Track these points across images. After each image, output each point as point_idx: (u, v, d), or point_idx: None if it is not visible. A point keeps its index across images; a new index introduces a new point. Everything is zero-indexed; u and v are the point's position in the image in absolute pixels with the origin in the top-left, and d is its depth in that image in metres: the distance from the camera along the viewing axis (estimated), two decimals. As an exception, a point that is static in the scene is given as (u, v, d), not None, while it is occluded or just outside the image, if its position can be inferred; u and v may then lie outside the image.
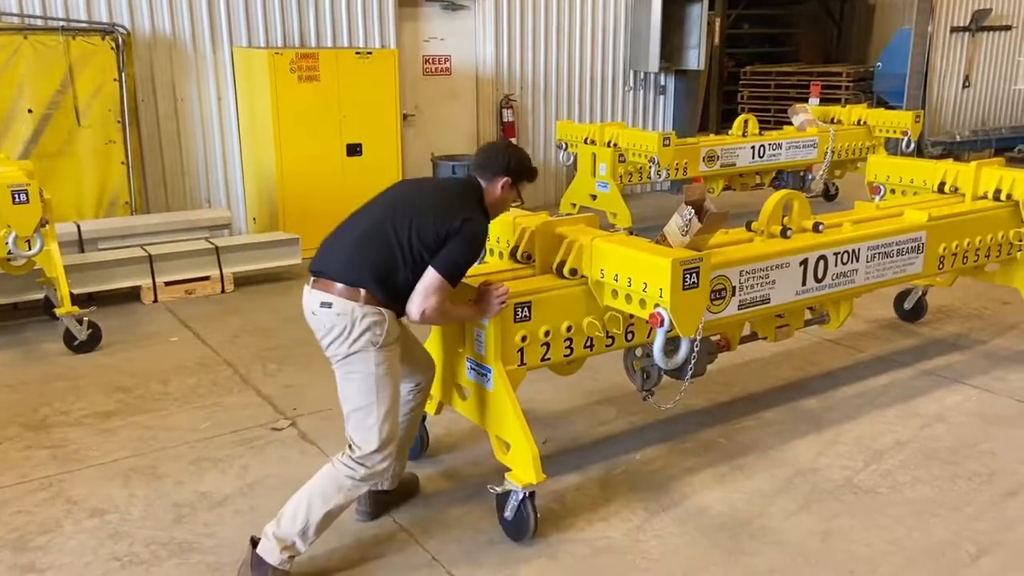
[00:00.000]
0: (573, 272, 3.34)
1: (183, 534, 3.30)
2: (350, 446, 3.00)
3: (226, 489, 3.63)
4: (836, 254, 3.90)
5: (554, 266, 3.40)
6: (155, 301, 6.16)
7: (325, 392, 4.59)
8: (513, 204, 3.29)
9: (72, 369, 4.95)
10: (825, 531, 3.32)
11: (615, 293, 3.27)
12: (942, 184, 4.92)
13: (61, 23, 6.67)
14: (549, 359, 3.34)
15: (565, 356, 3.39)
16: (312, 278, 3.01)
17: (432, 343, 3.53)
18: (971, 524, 3.37)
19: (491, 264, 3.62)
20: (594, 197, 7.67)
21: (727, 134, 8.44)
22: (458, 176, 3.25)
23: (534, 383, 3.85)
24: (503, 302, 3.11)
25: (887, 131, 8.68)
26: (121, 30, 6.87)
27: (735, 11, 14.55)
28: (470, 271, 3.26)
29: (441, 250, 2.94)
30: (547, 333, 3.28)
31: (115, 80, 6.76)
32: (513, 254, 3.53)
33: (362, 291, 2.89)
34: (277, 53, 6.98)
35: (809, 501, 3.53)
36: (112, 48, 6.73)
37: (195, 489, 3.63)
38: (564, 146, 8.04)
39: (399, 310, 3.01)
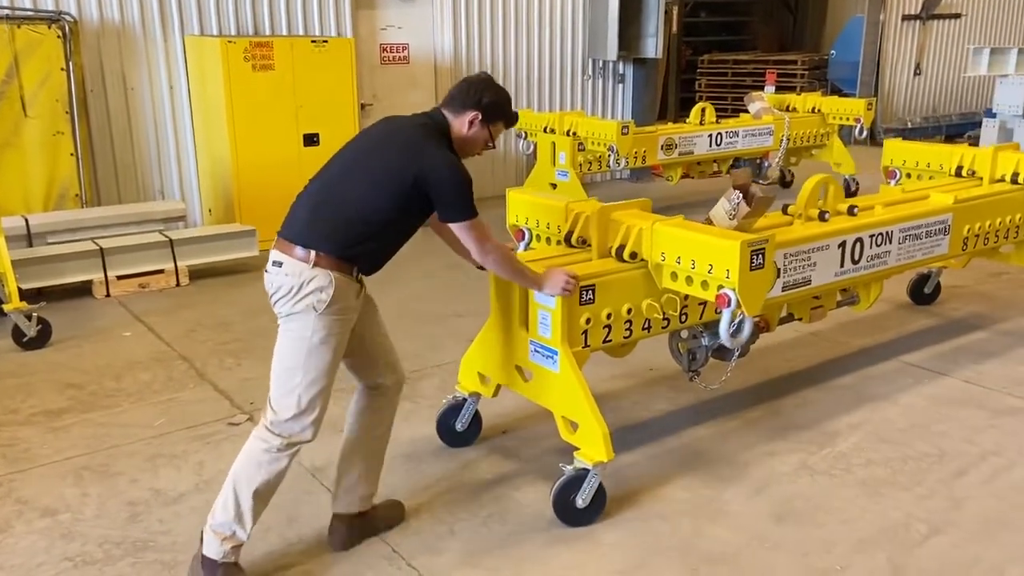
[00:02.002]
0: (633, 256, 3.41)
1: (137, 532, 3.25)
2: (266, 411, 2.87)
3: (181, 486, 3.57)
4: (872, 236, 4.00)
5: (613, 250, 3.45)
6: (107, 296, 6.03)
7: (283, 385, 4.56)
8: (488, 148, 3.11)
9: (22, 366, 4.83)
10: (780, 514, 3.37)
11: (674, 275, 3.35)
12: (959, 168, 5.03)
13: (5, 11, 6.46)
14: (611, 341, 3.43)
15: (625, 338, 3.47)
16: (276, 239, 2.92)
17: (491, 326, 3.58)
18: (922, 503, 3.45)
19: (540, 250, 3.67)
20: (554, 186, 7.67)
21: (685, 122, 8.50)
22: (424, 112, 3.12)
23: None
24: (568, 290, 3.15)
25: (841, 118, 8.82)
26: (68, 18, 6.69)
27: (692, -1, 14.64)
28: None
29: (419, 195, 2.82)
30: (609, 315, 3.36)
31: (62, 69, 6.57)
32: (568, 239, 3.58)
33: (313, 253, 2.79)
34: (230, 41, 6.85)
35: (765, 485, 3.58)
36: (59, 37, 6.54)
37: (150, 486, 3.57)
38: (524, 135, 8.03)
39: (359, 271, 2.90)
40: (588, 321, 3.31)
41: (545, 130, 7.72)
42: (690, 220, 3.48)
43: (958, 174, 5.04)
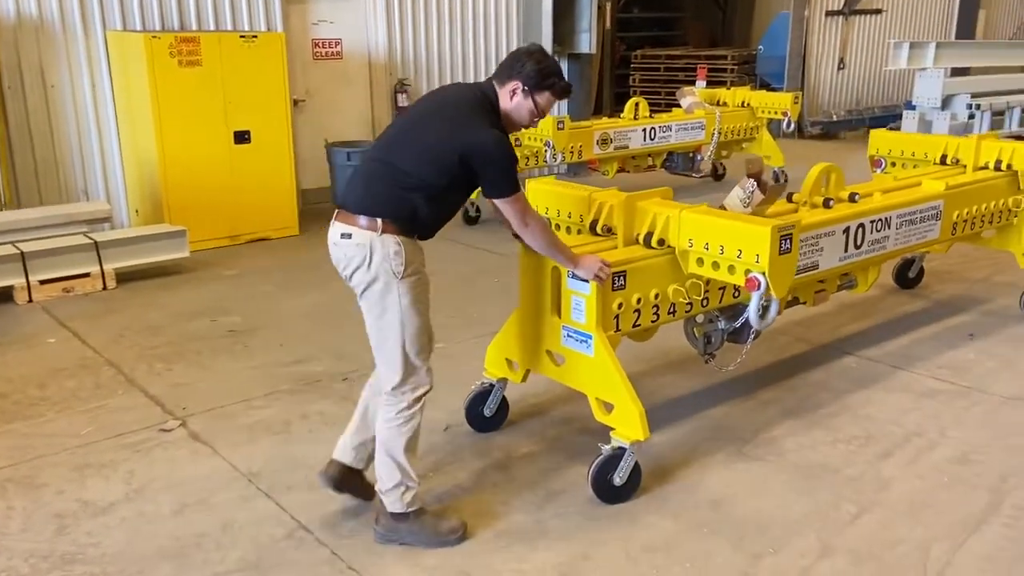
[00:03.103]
0: (661, 242, 3.52)
1: (65, 545, 3.14)
2: (383, 381, 3.06)
3: (111, 496, 3.46)
4: (872, 222, 4.14)
5: (641, 237, 3.55)
6: (30, 301, 5.81)
7: (217, 389, 4.47)
8: (535, 120, 3.13)
9: (-62, 377, 4.63)
10: (717, 500, 3.44)
11: (700, 261, 3.49)
12: (943, 156, 5.24)
13: (-90, 5, 6.18)
14: (639, 325, 3.54)
15: (652, 322, 3.58)
16: (336, 210, 3.03)
17: (519, 314, 3.67)
18: (851, 485, 3.56)
19: (567, 238, 3.72)
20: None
21: (620, 117, 8.58)
22: (478, 83, 3.24)
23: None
24: (602, 277, 3.24)
25: (769, 112, 9.02)
26: (-20, 12, 6.43)
27: (625, -5, 14.78)
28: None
29: (466, 170, 2.93)
30: (639, 300, 3.47)
31: (-24, 66, 6.32)
32: (592, 228, 3.68)
33: (379, 221, 2.90)
34: (155, 37, 6.66)
35: (703, 473, 3.64)
36: (-29, 32, 6.28)
37: (77, 497, 3.45)
38: (459, 131, 7.99)
39: (421, 235, 3.03)
40: (620, 306, 3.41)
41: (481, 126, 7.69)
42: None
43: (942, 162, 5.25)
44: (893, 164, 5.58)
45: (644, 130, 8.23)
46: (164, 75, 6.64)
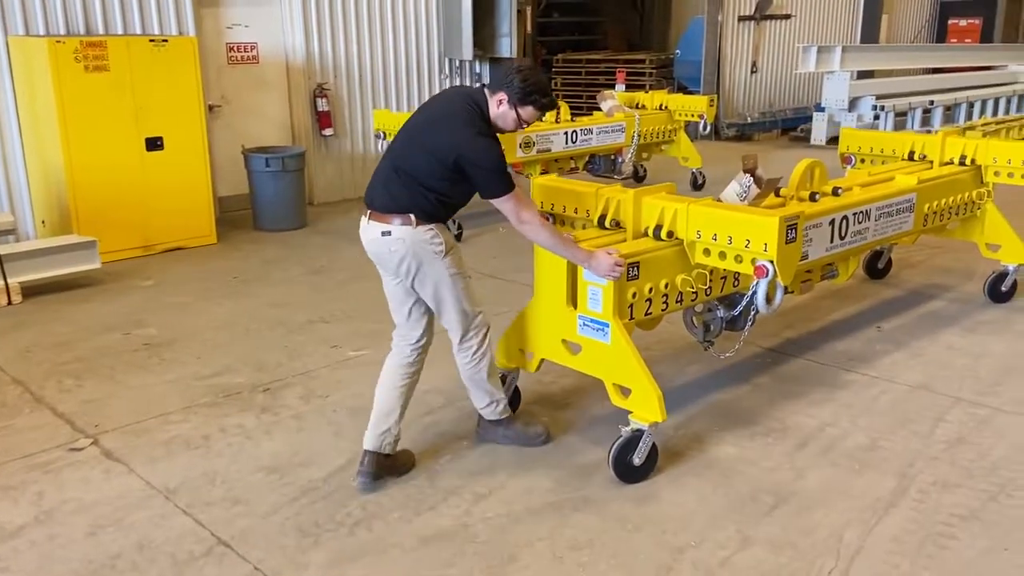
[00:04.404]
0: (670, 234, 3.67)
1: (-31, 574, 3.00)
2: (457, 332, 3.54)
3: (19, 520, 3.32)
4: (854, 214, 4.30)
5: (650, 230, 3.72)
6: (-73, 319, 5.53)
7: (132, 404, 4.34)
8: (520, 127, 3.42)
9: None
10: (642, 497, 3.50)
11: (707, 251, 3.66)
12: (911, 153, 5.49)
13: None
14: (651, 313, 3.71)
15: (662, 310, 3.75)
16: (368, 210, 3.43)
17: (533, 305, 3.84)
18: (768, 476, 3.66)
19: (577, 235, 3.84)
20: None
21: (541, 121, 8.63)
22: (473, 88, 3.54)
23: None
24: (616, 275, 3.40)
25: (686, 115, 9.21)
26: None
27: None
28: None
29: (461, 174, 3.27)
30: (650, 290, 3.64)
31: None
32: (601, 222, 3.84)
33: (411, 216, 3.31)
34: (59, 42, 6.41)
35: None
36: None
37: (-18, 523, 3.30)
38: (383, 135, 7.93)
39: (443, 220, 3.43)
40: (634, 295, 3.57)
41: (403, 130, 7.65)
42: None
43: (910, 158, 5.50)
44: (863, 160, 5.85)
45: (566, 133, 8.30)
46: (70, 81, 6.41)
